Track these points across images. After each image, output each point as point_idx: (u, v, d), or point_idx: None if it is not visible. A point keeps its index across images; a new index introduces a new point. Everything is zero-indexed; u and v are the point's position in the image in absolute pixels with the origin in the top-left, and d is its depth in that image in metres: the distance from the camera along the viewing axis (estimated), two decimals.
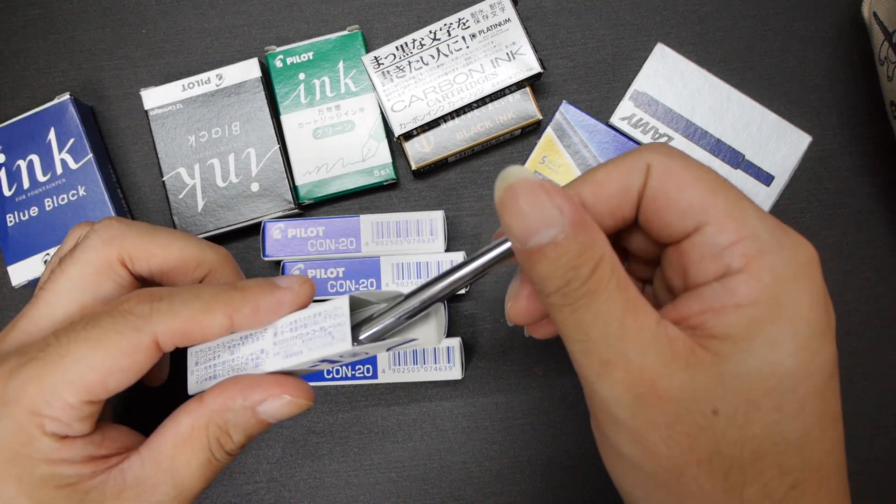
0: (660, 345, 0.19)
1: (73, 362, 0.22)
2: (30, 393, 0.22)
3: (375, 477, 0.38)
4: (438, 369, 0.36)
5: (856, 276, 0.39)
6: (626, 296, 0.19)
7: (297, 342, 0.23)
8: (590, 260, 0.19)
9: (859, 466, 0.38)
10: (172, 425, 0.24)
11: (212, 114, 0.39)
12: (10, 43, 0.42)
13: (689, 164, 0.20)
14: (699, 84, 0.39)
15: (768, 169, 0.38)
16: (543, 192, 0.19)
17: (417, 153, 0.38)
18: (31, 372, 0.22)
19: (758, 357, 0.18)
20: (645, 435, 0.19)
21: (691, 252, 0.20)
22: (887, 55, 0.36)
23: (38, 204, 0.39)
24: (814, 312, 0.19)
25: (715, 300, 0.19)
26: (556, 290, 0.19)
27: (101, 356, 0.22)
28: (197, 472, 0.23)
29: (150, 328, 0.22)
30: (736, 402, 0.18)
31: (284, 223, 0.37)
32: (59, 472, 0.22)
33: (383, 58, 0.38)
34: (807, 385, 0.19)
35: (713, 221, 0.19)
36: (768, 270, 0.19)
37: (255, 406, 0.23)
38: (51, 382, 0.22)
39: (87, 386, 0.22)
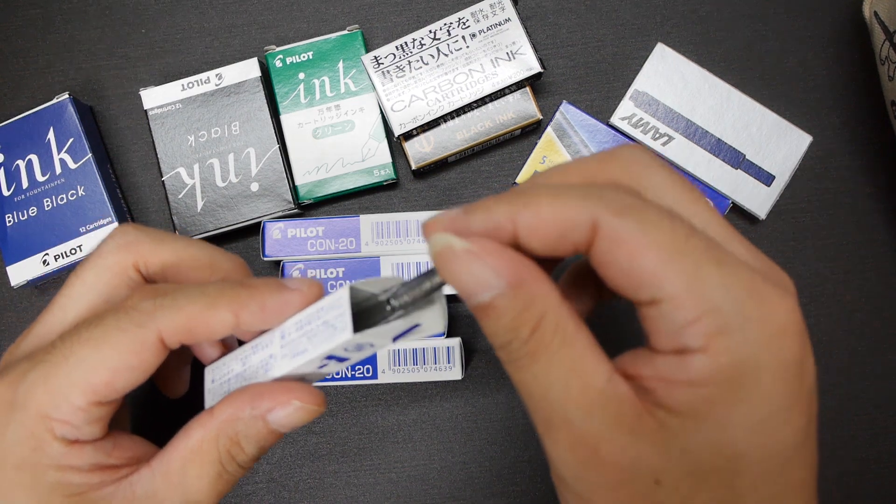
0: (605, 407, 0.18)
1: (78, 363, 0.22)
2: (38, 396, 0.21)
3: (375, 477, 0.38)
4: (438, 370, 0.36)
5: (856, 276, 0.39)
6: (571, 354, 0.18)
7: (303, 340, 0.23)
8: (529, 320, 0.18)
9: (859, 466, 0.38)
10: (183, 438, 0.23)
11: (211, 114, 0.39)
12: (9, 43, 0.42)
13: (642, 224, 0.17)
14: (699, 84, 0.39)
15: (769, 169, 0.38)
16: (475, 257, 0.18)
17: (417, 153, 0.38)
18: (39, 375, 0.22)
19: (707, 437, 0.17)
20: (588, 496, 0.19)
21: (648, 320, 0.18)
22: (888, 55, 0.36)
23: (38, 204, 0.38)
24: (777, 387, 0.17)
25: (668, 372, 0.18)
26: (500, 347, 0.19)
27: (105, 356, 0.22)
28: (208, 487, 0.23)
29: (153, 324, 0.22)
30: (679, 475, 0.18)
31: (284, 223, 0.37)
32: (67, 479, 0.22)
33: (383, 57, 0.38)
34: (764, 465, 0.18)
35: (669, 299, 0.17)
36: (727, 351, 0.17)
37: (265, 415, 0.23)
38: (57, 385, 0.21)
39: (93, 387, 0.22)
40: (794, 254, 0.40)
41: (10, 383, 0.22)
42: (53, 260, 0.38)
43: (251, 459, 0.24)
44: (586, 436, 0.18)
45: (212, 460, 0.23)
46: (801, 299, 0.39)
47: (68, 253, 0.38)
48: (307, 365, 0.23)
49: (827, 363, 0.39)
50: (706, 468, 0.17)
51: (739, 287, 0.17)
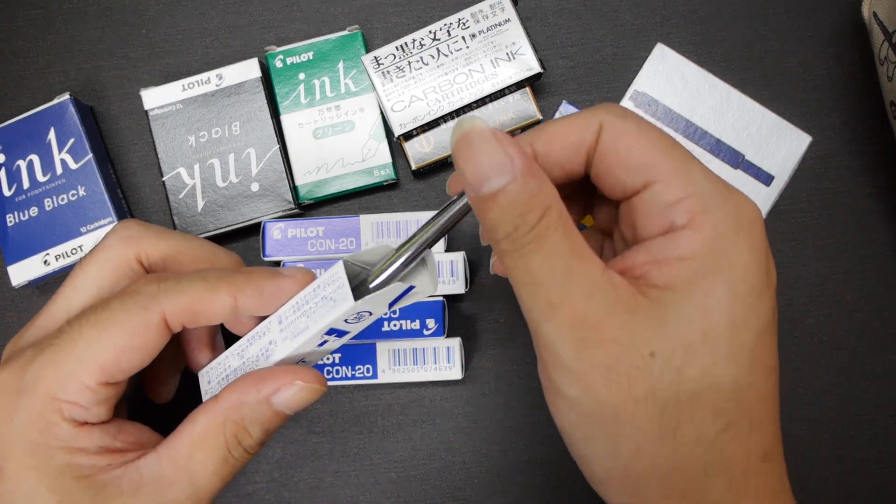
0: (604, 289, 0.20)
1: (86, 344, 0.22)
2: (47, 379, 0.22)
3: (375, 477, 0.38)
4: (438, 369, 0.36)
5: (856, 276, 0.39)
6: (572, 242, 0.20)
7: (303, 319, 0.23)
8: (538, 207, 0.19)
9: (859, 466, 0.38)
10: (189, 425, 0.24)
11: (212, 114, 0.39)
12: (10, 43, 0.42)
13: (640, 124, 0.21)
14: (699, 84, 0.39)
15: (768, 169, 0.38)
16: (496, 141, 0.19)
17: (417, 153, 0.38)
18: (47, 358, 0.22)
19: (695, 305, 0.19)
20: (586, 375, 0.20)
21: (640, 208, 0.21)
22: (887, 55, 0.36)
23: (38, 204, 0.39)
24: (752, 269, 0.20)
25: (659, 253, 0.20)
26: (506, 235, 0.20)
27: (112, 337, 0.22)
28: (213, 471, 0.23)
29: (157, 306, 0.23)
30: (672, 345, 0.19)
31: (284, 223, 0.37)
32: (76, 461, 0.22)
33: (383, 58, 0.38)
34: (741, 336, 0.20)
35: (660, 179, 0.20)
36: (711, 226, 0.20)
37: (269, 397, 0.24)
38: (66, 367, 0.22)
39: (101, 366, 0.22)
40: (794, 254, 0.40)
41: (17, 369, 0.23)
42: (54, 260, 0.38)
43: (257, 444, 0.25)
44: (587, 315, 0.19)
45: (218, 445, 0.23)
46: (801, 299, 0.39)
47: (69, 253, 0.38)
48: (308, 343, 0.23)
49: (827, 363, 0.39)
50: (695, 336, 0.19)
51: (718, 182, 0.21)
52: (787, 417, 0.39)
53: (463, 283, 0.36)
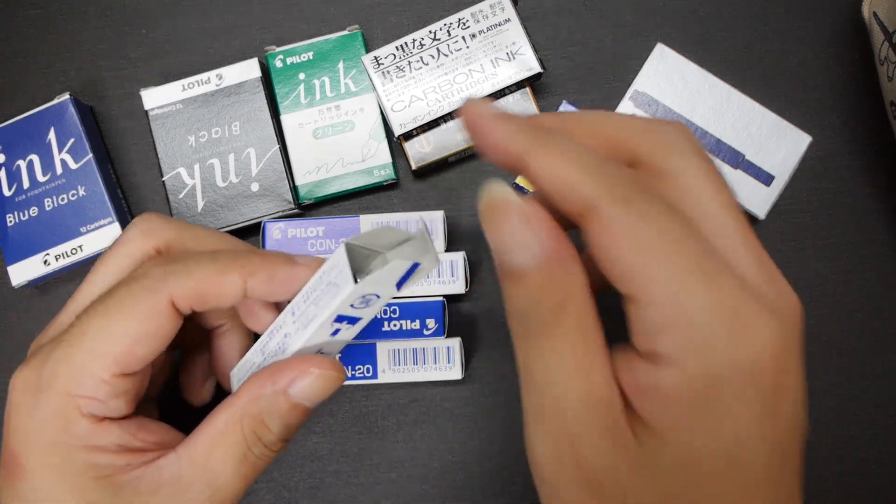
0: (597, 410, 0.18)
1: (95, 335, 0.22)
2: (62, 375, 0.22)
3: (375, 477, 0.38)
4: (438, 369, 0.36)
5: (856, 276, 0.39)
6: (584, 345, 0.18)
7: (311, 308, 0.23)
8: (556, 296, 0.18)
9: (859, 466, 0.38)
10: (209, 423, 0.23)
11: (212, 114, 0.39)
12: (10, 43, 0.42)
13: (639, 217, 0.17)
14: (699, 84, 0.39)
15: (768, 169, 0.38)
16: (524, 218, 0.18)
17: (417, 153, 0.38)
18: (60, 354, 0.22)
19: (674, 458, 0.17)
20: (560, 490, 0.19)
21: (628, 312, 0.18)
22: (887, 55, 0.36)
23: (38, 204, 0.39)
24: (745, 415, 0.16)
25: (643, 377, 0.17)
26: (518, 315, 0.18)
27: (120, 324, 0.22)
28: (232, 469, 0.23)
29: (164, 289, 0.22)
30: (647, 495, 0.17)
31: (284, 223, 0.37)
32: (95, 460, 0.22)
33: (383, 58, 0.38)
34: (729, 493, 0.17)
35: (646, 301, 0.17)
36: (700, 368, 0.16)
37: (286, 389, 0.23)
38: (78, 360, 0.22)
39: (114, 357, 0.22)
40: (794, 254, 0.40)
41: (35, 367, 0.22)
42: (54, 260, 0.38)
43: (278, 439, 0.24)
44: (572, 432, 0.18)
45: (236, 442, 0.23)
46: (801, 299, 0.39)
47: (69, 253, 0.38)
48: (320, 332, 0.23)
49: (827, 363, 0.39)
50: (674, 490, 0.17)
51: (722, 305, 0.16)
52: None
53: (463, 283, 0.36)
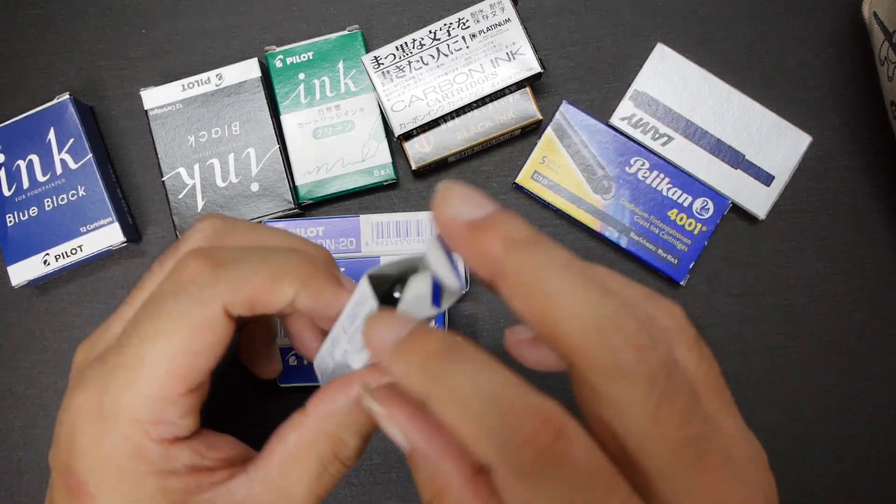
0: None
1: (154, 360, 0.21)
2: (126, 403, 0.21)
3: (375, 477, 0.38)
4: None
5: (856, 276, 0.39)
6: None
7: (359, 336, 0.22)
8: (430, 489, 0.18)
9: (859, 466, 0.38)
10: (279, 443, 0.23)
11: (212, 114, 0.39)
12: (10, 43, 0.42)
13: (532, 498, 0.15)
14: (699, 84, 0.39)
15: (768, 169, 0.38)
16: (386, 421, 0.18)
17: (417, 153, 0.38)
18: (120, 381, 0.21)
19: None
20: None
21: None
22: (887, 55, 0.36)
23: (38, 204, 0.38)
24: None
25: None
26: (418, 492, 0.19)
27: (178, 344, 0.21)
28: (307, 489, 0.22)
29: (217, 300, 0.21)
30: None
31: (284, 223, 0.37)
32: (167, 485, 0.21)
33: (383, 58, 0.38)
34: None
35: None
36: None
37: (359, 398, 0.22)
38: (143, 388, 0.21)
39: (178, 377, 0.21)
40: (794, 254, 0.40)
41: (94, 393, 0.21)
42: (54, 260, 0.38)
43: (355, 453, 0.23)
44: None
45: (312, 462, 0.22)
46: (801, 299, 0.39)
47: (69, 253, 0.38)
48: None
49: (827, 363, 0.39)
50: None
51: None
52: (788, 417, 0.39)
53: (463, 283, 0.36)
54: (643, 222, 0.38)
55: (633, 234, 0.38)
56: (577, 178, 0.38)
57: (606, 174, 0.38)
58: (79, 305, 0.40)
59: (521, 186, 0.39)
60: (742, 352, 0.39)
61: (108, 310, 0.40)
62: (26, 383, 0.40)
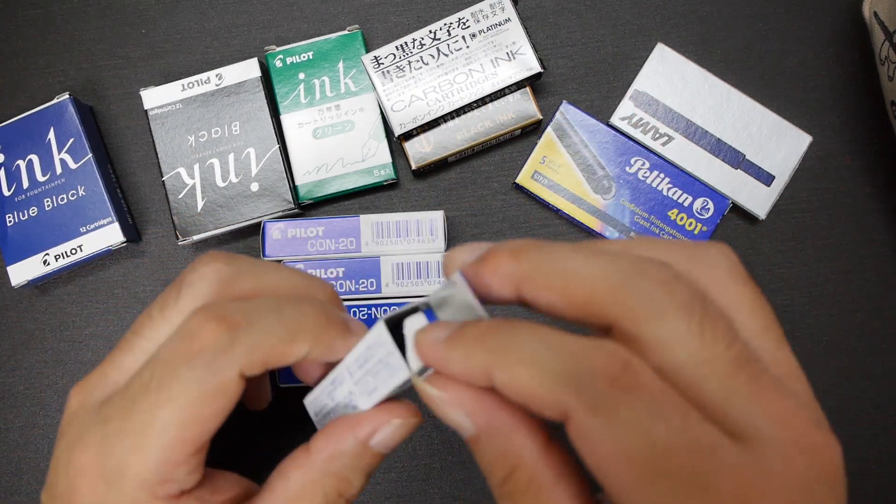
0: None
1: (165, 427, 0.20)
2: (133, 466, 0.20)
3: (375, 477, 0.38)
4: None
5: (856, 276, 0.39)
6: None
7: (370, 379, 0.22)
8: (503, 467, 0.18)
9: (859, 466, 0.38)
10: (281, 482, 0.22)
11: (211, 114, 0.39)
12: (10, 43, 0.42)
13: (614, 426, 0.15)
14: (699, 84, 0.39)
15: (769, 169, 0.38)
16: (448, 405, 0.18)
17: (417, 153, 0.38)
18: (126, 445, 0.20)
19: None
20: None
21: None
22: (888, 55, 0.36)
23: (38, 204, 0.38)
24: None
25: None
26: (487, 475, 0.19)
27: (189, 412, 0.20)
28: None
29: (233, 366, 0.21)
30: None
31: (284, 223, 0.37)
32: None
33: (383, 57, 0.38)
34: None
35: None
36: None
37: (367, 440, 0.22)
38: (150, 453, 0.20)
39: (188, 441, 0.20)
40: (794, 254, 0.40)
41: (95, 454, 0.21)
42: (54, 260, 0.38)
43: (359, 491, 0.23)
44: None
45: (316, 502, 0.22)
46: (801, 299, 0.39)
47: (69, 253, 0.38)
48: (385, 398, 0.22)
49: (827, 363, 0.39)
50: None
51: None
52: None
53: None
54: (643, 222, 0.38)
55: (633, 234, 0.38)
56: (577, 177, 0.38)
57: (606, 174, 0.38)
58: (79, 305, 0.40)
59: (521, 186, 0.39)
60: None
61: (108, 310, 0.40)
62: (26, 383, 0.40)
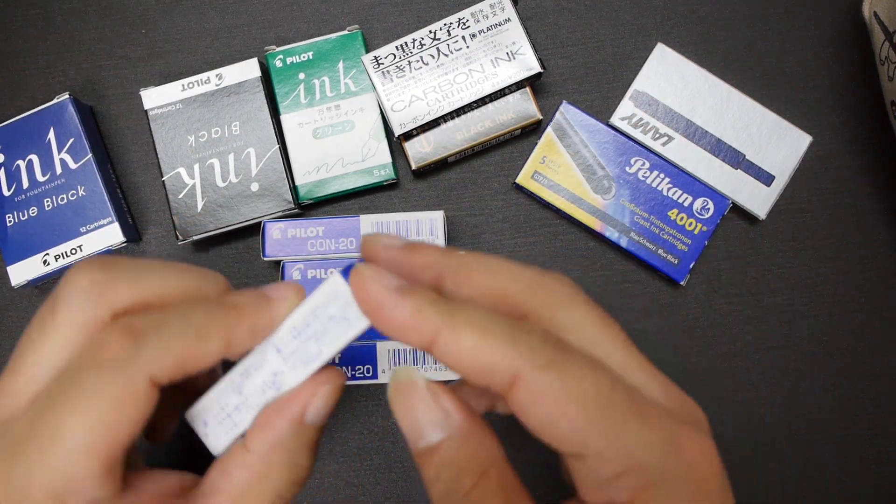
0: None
1: (71, 436, 0.19)
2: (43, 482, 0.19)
3: (375, 477, 0.38)
4: (438, 369, 0.36)
5: (856, 276, 0.39)
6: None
7: (311, 344, 0.21)
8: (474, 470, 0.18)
9: (859, 466, 0.38)
10: (225, 478, 0.21)
11: (211, 114, 0.39)
12: (10, 43, 0.42)
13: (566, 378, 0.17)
14: (699, 84, 0.39)
15: (769, 169, 0.38)
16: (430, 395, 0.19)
17: (417, 153, 0.38)
18: (32, 457, 0.19)
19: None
20: None
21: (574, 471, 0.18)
22: (888, 55, 0.36)
23: (38, 204, 0.38)
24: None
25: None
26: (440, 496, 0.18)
27: (98, 420, 0.19)
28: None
29: (141, 370, 0.20)
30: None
31: (284, 223, 0.37)
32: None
33: (383, 57, 0.38)
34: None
35: (594, 454, 0.17)
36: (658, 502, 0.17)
37: (302, 418, 0.21)
38: (58, 465, 0.19)
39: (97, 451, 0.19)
40: (794, 254, 0.40)
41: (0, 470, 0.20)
42: (54, 260, 0.38)
43: (310, 469, 0.22)
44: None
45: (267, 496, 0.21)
46: (801, 299, 0.39)
47: (69, 253, 0.38)
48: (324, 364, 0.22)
49: (827, 363, 0.39)
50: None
51: (661, 441, 0.17)
52: (788, 417, 0.39)
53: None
54: (643, 222, 0.38)
55: (634, 234, 0.38)
56: (577, 177, 0.38)
57: (606, 174, 0.38)
58: None
59: (521, 186, 0.39)
60: (742, 352, 0.39)
61: None
62: None
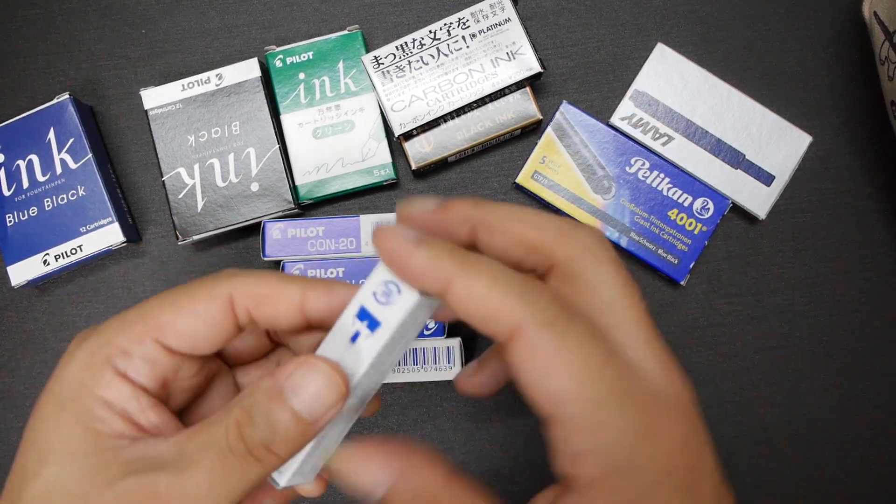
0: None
1: (150, 305, 0.22)
2: (110, 327, 0.22)
3: None
4: (438, 369, 0.36)
5: (856, 276, 0.39)
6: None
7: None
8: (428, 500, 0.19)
9: (859, 466, 0.38)
10: None
11: (211, 114, 0.39)
12: (10, 43, 0.42)
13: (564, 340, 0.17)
14: (699, 84, 0.39)
15: (769, 169, 0.38)
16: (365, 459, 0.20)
17: (417, 153, 0.38)
18: (119, 315, 0.22)
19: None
20: None
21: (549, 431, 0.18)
22: (888, 55, 0.36)
23: (38, 204, 0.38)
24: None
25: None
26: None
27: (173, 297, 0.22)
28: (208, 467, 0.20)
29: (226, 284, 0.22)
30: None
31: (284, 223, 0.37)
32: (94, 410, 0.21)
33: (383, 57, 0.38)
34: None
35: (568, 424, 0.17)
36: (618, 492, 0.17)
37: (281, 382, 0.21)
38: (128, 317, 0.22)
39: (160, 324, 0.21)
40: (794, 254, 0.40)
41: (94, 327, 0.23)
42: (54, 260, 0.38)
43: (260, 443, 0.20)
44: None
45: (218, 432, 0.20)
46: (801, 299, 0.39)
47: (69, 253, 0.38)
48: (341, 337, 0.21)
49: (827, 363, 0.39)
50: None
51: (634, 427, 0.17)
52: (788, 417, 0.39)
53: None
54: (643, 222, 0.38)
55: (634, 234, 0.38)
56: (577, 177, 0.38)
57: (606, 174, 0.38)
58: (79, 305, 0.40)
59: (521, 186, 0.39)
60: (742, 352, 0.39)
61: (108, 310, 0.40)
62: (26, 383, 0.40)
